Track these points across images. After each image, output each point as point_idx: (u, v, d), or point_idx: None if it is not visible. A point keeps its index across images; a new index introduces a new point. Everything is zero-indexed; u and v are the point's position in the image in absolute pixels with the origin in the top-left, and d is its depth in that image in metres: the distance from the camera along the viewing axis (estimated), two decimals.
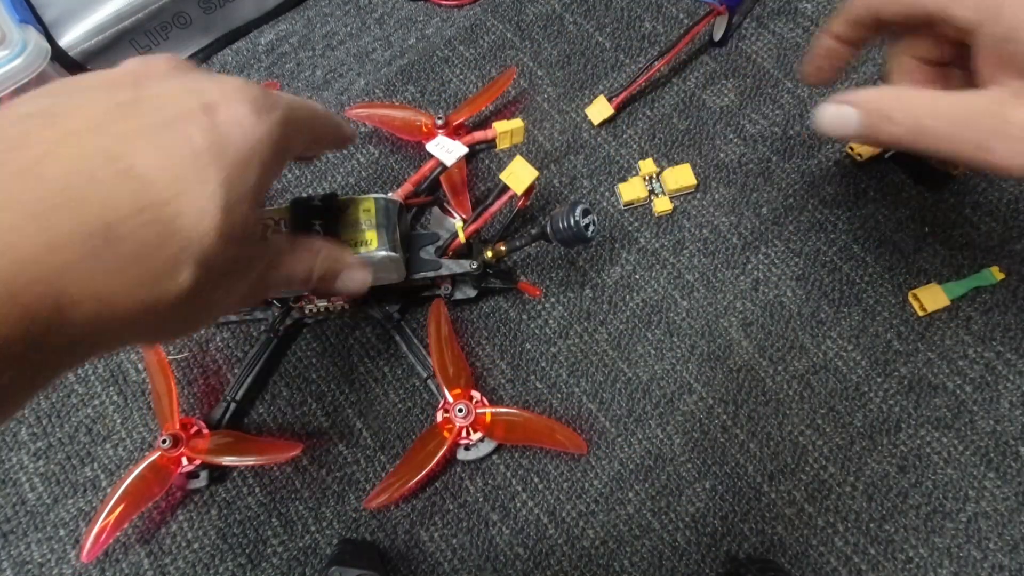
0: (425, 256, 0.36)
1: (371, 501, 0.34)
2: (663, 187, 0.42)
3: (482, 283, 0.39)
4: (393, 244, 0.32)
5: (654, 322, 0.39)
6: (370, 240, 0.32)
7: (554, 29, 0.48)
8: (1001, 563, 0.33)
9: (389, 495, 0.34)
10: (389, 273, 0.34)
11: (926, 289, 0.38)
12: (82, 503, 0.37)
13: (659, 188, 0.42)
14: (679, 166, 0.42)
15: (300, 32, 0.50)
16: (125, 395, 0.39)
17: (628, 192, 0.42)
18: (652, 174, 0.42)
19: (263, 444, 0.36)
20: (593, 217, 0.33)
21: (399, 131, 0.44)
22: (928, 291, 0.38)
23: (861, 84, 0.44)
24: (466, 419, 0.34)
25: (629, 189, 0.42)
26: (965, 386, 0.36)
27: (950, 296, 0.38)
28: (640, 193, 0.41)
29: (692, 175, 0.41)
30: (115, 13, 0.43)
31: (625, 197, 0.41)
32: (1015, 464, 0.35)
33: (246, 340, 0.40)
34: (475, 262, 0.36)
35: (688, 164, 0.42)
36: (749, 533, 0.34)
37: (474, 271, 0.36)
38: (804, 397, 0.37)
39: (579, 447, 0.35)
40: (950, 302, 0.38)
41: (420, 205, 0.41)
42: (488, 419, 0.35)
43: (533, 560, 0.34)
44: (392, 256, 0.32)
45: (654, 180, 0.42)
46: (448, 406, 0.35)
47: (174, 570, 0.35)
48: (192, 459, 0.34)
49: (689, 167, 0.42)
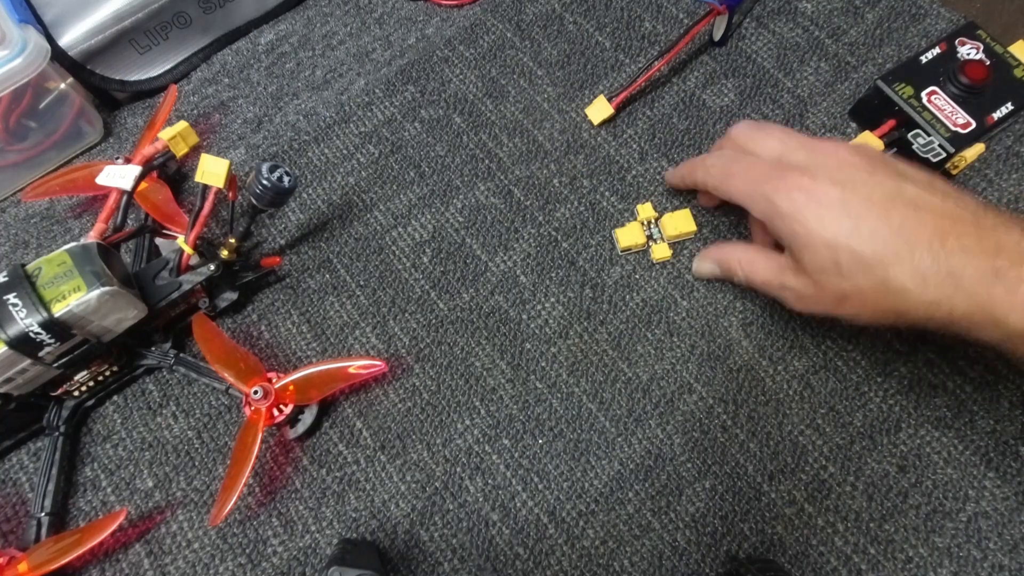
0: (162, 282, 0.36)
1: (216, 518, 0.33)
2: (662, 233, 0.41)
3: (236, 281, 0.39)
4: (105, 280, 0.32)
5: (654, 322, 0.39)
6: (78, 287, 0.31)
7: (554, 29, 0.48)
8: (1001, 563, 0.33)
9: (225, 502, 0.33)
10: (126, 312, 0.34)
11: None
12: (82, 503, 0.37)
13: (658, 234, 0.41)
14: (679, 211, 0.41)
15: (300, 32, 0.50)
16: (125, 395, 0.39)
17: (626, 238, 0.40)
18: (651, 219, 0.41)
19: (85, 530, 0.34)
20: (283, 169, 0.35)
21: (87, 189, 0.42)
22: None
23: (860, 84, 0.44)
24: (267, 398, 0.34)
25: (627, 235, 0.40)
26: (965, 386, 0.36)
27: None
28: (638, 239, 0.40)
29: (692, 221, 0.40)
30: (115, 13, 0.43)
31: (622, 243, 0.40)
32: (1015, 464, 0.35)
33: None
34: (212, 264, 0.37)
35: (688, 209, 0.41)
36: (749, 533, 0.34)
37: (215, 272, 0.37)
38: (804, 397, 0.37)
39: (377, 369, 0.36)
40: None
41: (128, 237, 0.39)
42: (291, 388, 0.36)
43: (533, 560, 0.34)
44: (108, 290, 0.31)
45: (652, 225, 0.41)
46: (249, 398, 0.35)
47: (174, 570, 0.35)
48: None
49: (689, 212, 0.40)
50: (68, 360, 0.34)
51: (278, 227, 0.43)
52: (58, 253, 0.32)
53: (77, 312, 0.31)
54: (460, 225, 0.42)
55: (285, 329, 0.40)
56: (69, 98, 0.44)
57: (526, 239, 0.42)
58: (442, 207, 0.43)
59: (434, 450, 0.37)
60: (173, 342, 0.39)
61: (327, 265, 0.42)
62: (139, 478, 0.37)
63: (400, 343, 0.39)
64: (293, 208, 0.44)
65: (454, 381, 0.38)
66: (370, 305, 0.41)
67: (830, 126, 0.43)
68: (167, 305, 0.36)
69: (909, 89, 0.41)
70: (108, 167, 0.40)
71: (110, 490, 0.37)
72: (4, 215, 0.45)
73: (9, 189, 0.45)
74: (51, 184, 0.43)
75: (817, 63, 0.45)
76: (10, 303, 0.30)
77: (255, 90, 0.48)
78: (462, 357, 0.39)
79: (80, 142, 0.46)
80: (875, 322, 0.30)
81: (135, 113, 0.48)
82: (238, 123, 0.47)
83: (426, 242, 0.42)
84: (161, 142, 0.41)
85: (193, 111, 0.47)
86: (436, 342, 0.39)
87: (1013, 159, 0.41)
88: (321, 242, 0.43)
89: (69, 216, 0.44)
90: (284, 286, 0.41)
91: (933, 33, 0.45)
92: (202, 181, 0.35)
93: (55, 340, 0.31)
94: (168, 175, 0.44)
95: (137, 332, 0.36)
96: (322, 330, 0.40)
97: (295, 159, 0.45)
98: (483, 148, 0.45)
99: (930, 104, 0.40)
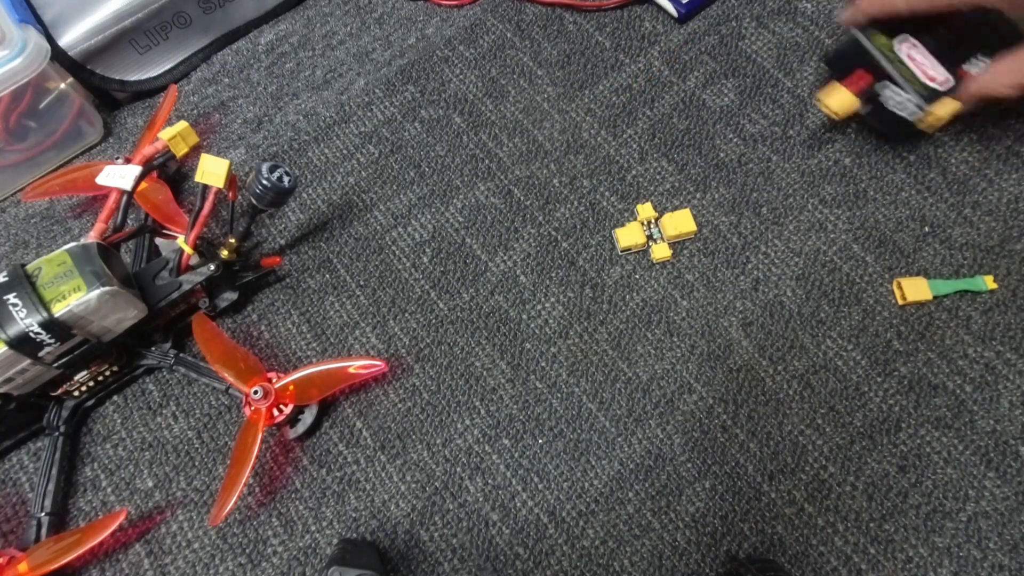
0: (162, 282, 0.36)
1: (215, 518, 0.33)
2: (662, 233, 0.41)
3: (236, 281, 0.39)
4: (105, 280, 0.32)
5: (654, 322, 0.39)
6: (78, 287, 0.31)
7: (554, 29, 0.48)
8: (1001, 563, 0.33)
9: (224, 502, 0.33)
10: (126, 312, 0.34)
11: (912, 280, 0.38)
12: (82, 503, 0.37)
13: (658, 234, 0.41)
14: (679, 211, 0.41)
15: (300, 32, 0.50)
16: (125, 395, 0.39)
17: (626, 238, 0.40)
18: (651, 219, 0.41)
19: (85, 530, 0.34)
20: (283, 169, 0.35)
21: (87, 189, 0.42)
22: (913, 282, 0.38)
23: None
24: (267, 398, 0.34)
25: (627, 235, 0.40)
26: (965, 386, 0.36)
27: (934, 292, 0.38)
28: (638, 239, 0.40)
29: (692, 221, 0.40)
30: (115, 13, 0.43)
31: (623, 243, 0.40)
32: (1015, 464, 0.35)
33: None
34: (212, 264, 0.37)
35: (688, 209, 0.41)
36: (749, 533, 0.34)
37: (215, 272, 0.37)
38: (804, 397, 0.37)
39: (377, 369, 0.36)
40: (932, 297, 0.38)
41: (128, 237, 0.39)
42: (291, 388, 0.36)
43: (533, 560, 0.34)
44: (108, 290, 0.32)
45: (652, 225, 0.41)
46: (249, 398, 0.35)
47: (174, 570, 0.35)
48: None
49: (689, 212, 0.40)
50: (68, 360, 0.34)
51: (278, 227, 0.43)
52: (58, 253, 0.32)
53: (77, 312, 0.31)
54: (460, 225, 0.42)
55: (285, 329, 0.40)
56: (69, 98, 0.44)
57: (526, 239, 0.42)
58: (442, 207, 0.43)
59: (434, 450, 0.37)
60: (173, 342, 0.39)
61: (327, 265, 0.42)
62: (139, 478, 0.37)
63: (400, 343, 0.39)
64: (293, 208, 0.44)
65: (454, 381, 0.38)
66: (370, 305, 0.41)
67: (830, 126, 0.43)
68: (167, 305, 0.36)
69: (883, 38, 0.38)
70: (108, 167, 0.40)
71: (110, 490, 0.37)
72: (4, 215, 0.45)
73: (9, 189, 0.45)
74: (51, 184, 0.43)
75: (817, 63, 0.45)
76: (10, 303, 0.30)
77: (255, 90, 0.48)
78: (462, 357, 0.39)
79: (80, 142, 0.46)
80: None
81: (135, 113, 0.48)
82: (238, 123, 0.47)
83: (426, 242, 0.42)
84: (161, 142, 0.41)
85: (193, 111, 0.48)
86: (436, 342, 0.39)
87: (1013, 159, 0.41)
88: (321, 242, 0.43)
89: (69, 216, 0.44)
90: (284, 286, 0.41)
91: None
92: (202, 181, 0.35)
93: (55, 340, 0.31)
94: (168, 175, 0.44)
95: (137, 332, 0.36)
96: (322, 330, 0.40)
97: (295, 159, 0.45)
98: (483, 148, 0.45)
99: (906, 57, 0.38)
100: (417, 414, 0.38)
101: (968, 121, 0.42)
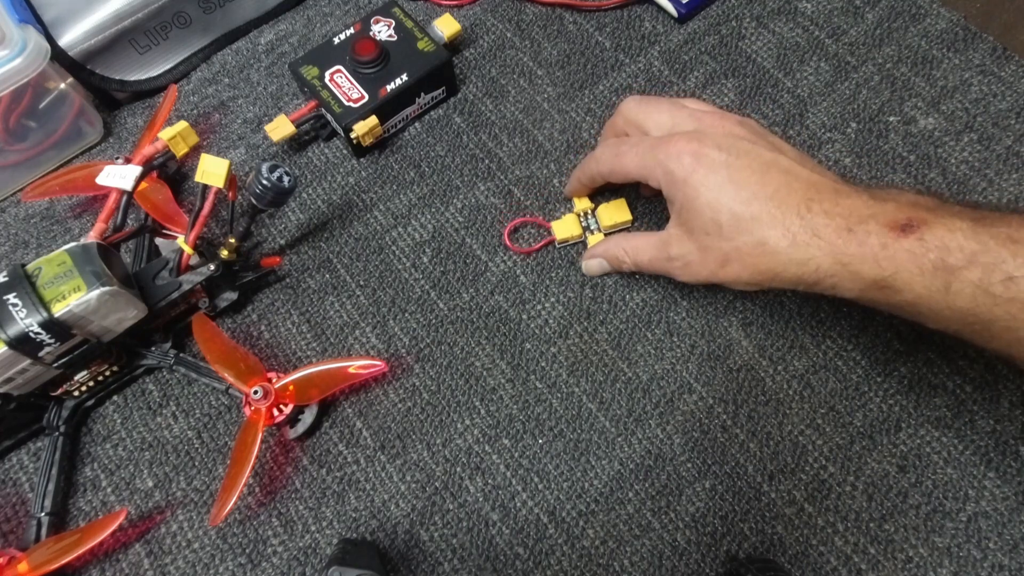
0: (162, 282, 0.36)
1: (215, 518, 0.33)
2: (598, 223, 0.41)
3: (236, 281, 0.39)
4: (105, 280, 0.32)
5: (654, 322, 0.39)
6: (78, 287, 0.31)
7: (554, 29, 0.48)
8: (1001, 563, 0.33)
9: (224, 502, 0.33)
10: (126, 312, 0.34)
11: None
12: (82, 503, 0.37)
13: (595, 224, 0.41)
14: (613, 201, 0.41)
15: (300, 32, 0.50)
16: (125, 395, 0.39)
17: (561, 230, 0.40)
18: (587, 210, 0.41)
19: (85, 530, 0.34)
20: (283, 169, 0.35)
21: (87, 189, 0.42)
22: None
23: (860, 83, 0.44)
24: (267, 398, 0.34)
25: (562, 227, 0.40)
26: (965, 386, 0.36)
27: None
28: (574, 231, 0.40)
29: (627, 210, 0.40)
30: (115, 13, 0.43)
31: (559, 235, 0.40)
32: (1015, 464, 0.35)
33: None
34: (212, 264, 0.37)
35: (623, 199, 0.41)
36: (749, 533, 0.34)
37: (215, 272, 0.37)
38: (804, 397, 0.37)
39: (377, 369, 0.36)
40: None
41: (128, 237, 0.39)
42: (291, 388, 0.36)
43: (533, 560, 0.34)
44: (108, 290, 0.31)
45: (589, 216, 0.41)
46: (249, 398, 0.35)
47: (174, 570, 0.35)
48: None
49: (624, 202, 0.41)
50: (68, 360, 0.34)
51: (278, 227, 0.43)
52: (58, 253, 0.32)
53: (77, 312, 0.31)
54: (460, 225, 0.42)
55: (285, 329, 0.40)
56: (69, 98, 0.44)
57: (526, 239, 0.42)
58: (442, 207, 0.43)
59: (434, 450, 0.37)
60: (173, 342, 0.39)
61: (327, 265, 0.42)
62: (139, 478, 0.37)
63: (400, 343, 0.39)
64: (293, 208, 0.44)
65: (454, 381, 0.38)
66: (370, 305, 0.41)
67: (830, 126, 0.43)
68: (167, 305, 0.36)
69: (315, 70, 0.43)
70: (108, 167, 0.40)
71: (110, 490, 0.37)
72: (4, 215, 0.45)
73: (9, 189, 0.45)
74: (51, 184, 0.43)
75: (817, 63, 0.45)
76: (10, 303, 0.30)
77: (255, 90, 0.48)
78: (462, 357, 0.39)
79: (80, 142, 0.46)
80: (753, 284, 0.32)
81: (135, 113, 0.48)
82: (238, 123, 0.47)
83: (426, 242, 0.42)
84: (161, 142, 0.41)
85: (193, 111, 0.47)
86: (436, 342, 0.39)
87: (1013, 159, 0.41)
88: (321, 242, 0.43)
89: (69, 216, 0.44)
90: (284, 286, 0.41)
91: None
92: (202, 181, 0.35)
93: (55, 340, 0.31)
94: (168, 175, 0.44)
95: (137, 332, 0.36)
96: (322, 330, 0.40)
97: (295, 159, 0.45)
98: (483, 148, 0.45)
99: (331, 83, 0.42)
100: (417, 414, 0.38)
101: (968, 121, 0.42)
